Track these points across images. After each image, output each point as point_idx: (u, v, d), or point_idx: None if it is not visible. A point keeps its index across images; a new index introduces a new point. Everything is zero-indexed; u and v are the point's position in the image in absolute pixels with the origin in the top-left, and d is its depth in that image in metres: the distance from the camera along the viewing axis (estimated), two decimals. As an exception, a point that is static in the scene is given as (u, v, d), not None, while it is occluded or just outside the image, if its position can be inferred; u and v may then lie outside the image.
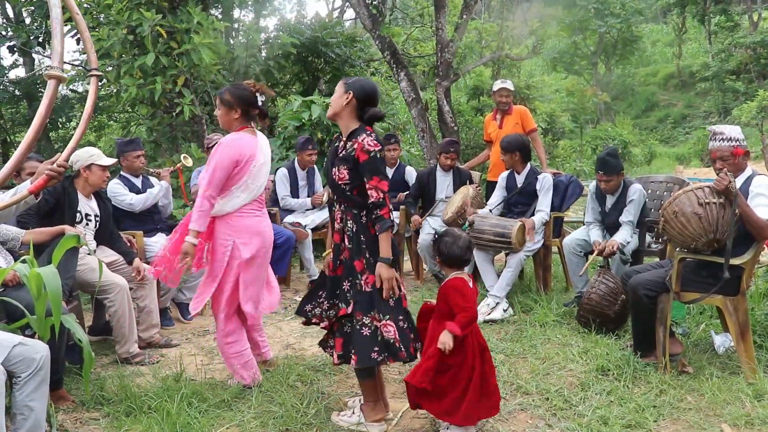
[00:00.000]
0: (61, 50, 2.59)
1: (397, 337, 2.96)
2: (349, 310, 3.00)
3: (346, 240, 3.03)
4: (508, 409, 3.28)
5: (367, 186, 2.92)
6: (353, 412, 3.18)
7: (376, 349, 2.96)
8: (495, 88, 6.29)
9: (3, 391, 2.48)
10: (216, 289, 3.49)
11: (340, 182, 2.97)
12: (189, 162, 5.07)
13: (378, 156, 2.91)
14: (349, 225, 3.02)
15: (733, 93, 20.06)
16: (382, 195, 2.90)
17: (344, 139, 3.07)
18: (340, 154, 3.01)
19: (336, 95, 3.07)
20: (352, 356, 3.00)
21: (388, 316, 2.97)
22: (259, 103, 3.54)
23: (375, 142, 2.92)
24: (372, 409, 3.12)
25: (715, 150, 3.73)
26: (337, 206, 3.08)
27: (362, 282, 2.98)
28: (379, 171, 2.92)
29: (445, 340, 2.86)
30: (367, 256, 2.98)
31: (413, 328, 3.09)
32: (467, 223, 5.17)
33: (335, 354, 3.10)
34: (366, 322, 2.97)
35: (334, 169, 3.01)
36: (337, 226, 3.08)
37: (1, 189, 3.39)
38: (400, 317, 3.02)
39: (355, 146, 2.93)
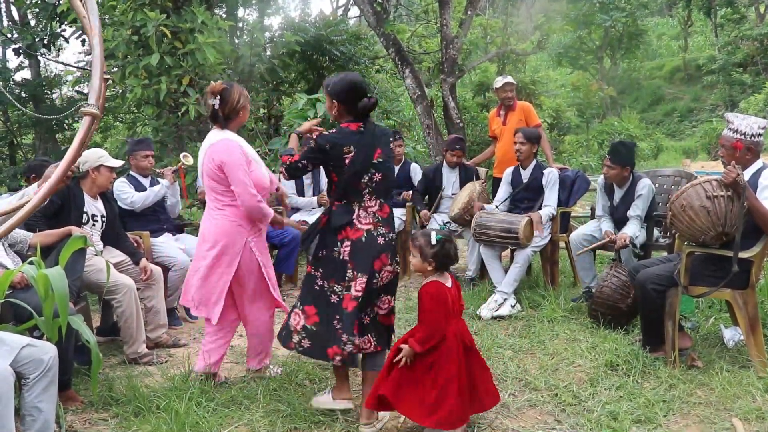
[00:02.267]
0: (99, 88, 2.58)
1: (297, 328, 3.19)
2: None
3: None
4: (517, 406, 3.27)
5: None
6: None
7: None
8: (498, 85, 6.28)
9: (12, 392, 2.49)
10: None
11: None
12: (189, 160, 5.05)
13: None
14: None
15: (740, 86, 19.91)
16: None
17: None
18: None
19: (326, 104, 3.25)
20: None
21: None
22: (210, 102, 3.46)
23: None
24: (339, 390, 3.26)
25: (722, 137, 3.77)
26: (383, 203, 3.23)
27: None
28: None
29: (405, 354, 2.90)
30: None
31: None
32: (443, 225, 5.24)
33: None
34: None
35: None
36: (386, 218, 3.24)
37: (9, 192, 3.40)
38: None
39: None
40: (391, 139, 3.34)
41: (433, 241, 2.92)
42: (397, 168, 6.38)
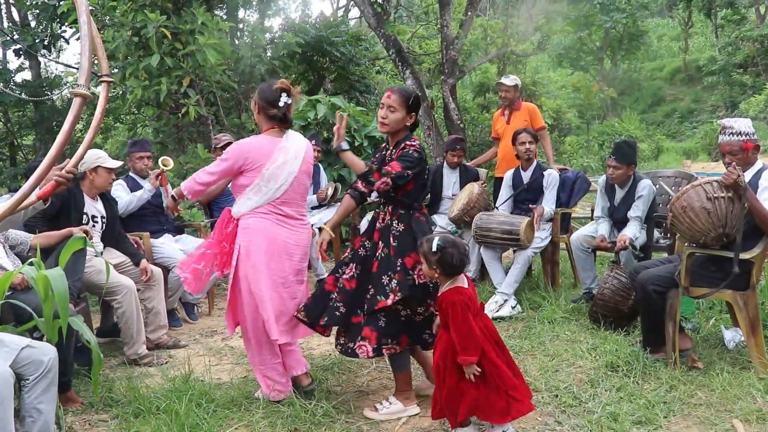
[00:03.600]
0: (89, 68, 2.55)
1: None
2: (390, 302, 3.11)
3: (390, 239, 3.23)
4: (517, 407, 3.26)
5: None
6: (390, 403, 3.27)
7: (427, 331, 3.26)
8: (497, 82, 6.34)
9: (12, 393, 2.49)
10: (230, 299, 3.42)
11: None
12: (169, 164, 4.99)
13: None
14: (395, 224, 3.25)
15: (741, 87, 19.94)
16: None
17: (391, 147, 3.34)
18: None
19: (397, 116, 3.26)
20: (390, 346, 3.16)
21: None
22: (281, 104, 3.33)
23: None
24: (406, 398, 3.29)
25: (724, 144, 3.71)
26: (383, 207, 3.35)
27: (415, 276, 3.16)
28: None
29: (469, 371, 2.81)
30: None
31: None
32: (455, 228, 5.22)
33: (369, 348, 3.12)
34: (420, 311, 3.22)
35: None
36: (378, 225, 3.33)
37: (9, 193, 3.39)
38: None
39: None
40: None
41: (434, 248, 2.88)
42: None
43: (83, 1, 2.53)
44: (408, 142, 3.26)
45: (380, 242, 3.27)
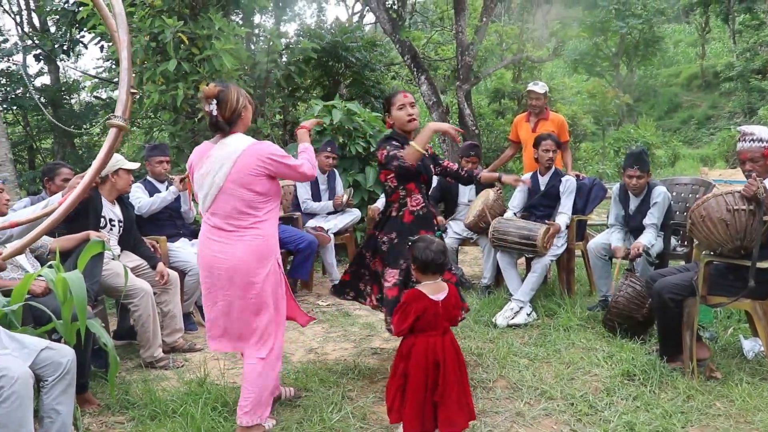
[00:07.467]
0: (127, 101, 2.61)
1: None
2: None
3: None
4: (533, 415, 3.25)
5: None
6: None
7: None
8: (527, 89, 6.31)
9: (31, 394, 2.51)
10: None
11: None
12: None
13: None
14: None
15: (759, 93, 19.73)
16: None
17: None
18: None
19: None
20: None
21: None
22: (207, 109, 3.04)
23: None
24: None
25: (745, 151, 3.66)
26: None
27: None
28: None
29: None
30: None
31: None
32: (440, 230, 5.23)
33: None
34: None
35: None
36: None
37: (28, 196, 3.42)
38: None
39: None
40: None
41: (409, 242, 2.99)
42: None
43: (125, 39, 2.60)
44: None
45: None
